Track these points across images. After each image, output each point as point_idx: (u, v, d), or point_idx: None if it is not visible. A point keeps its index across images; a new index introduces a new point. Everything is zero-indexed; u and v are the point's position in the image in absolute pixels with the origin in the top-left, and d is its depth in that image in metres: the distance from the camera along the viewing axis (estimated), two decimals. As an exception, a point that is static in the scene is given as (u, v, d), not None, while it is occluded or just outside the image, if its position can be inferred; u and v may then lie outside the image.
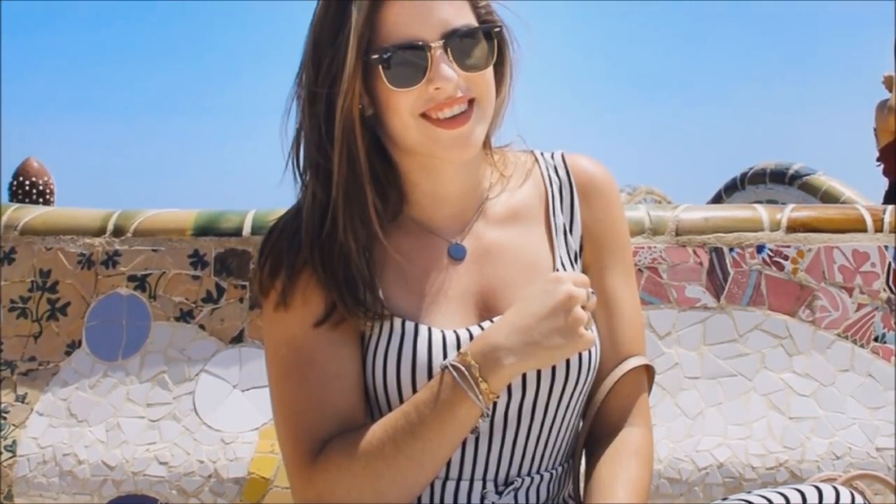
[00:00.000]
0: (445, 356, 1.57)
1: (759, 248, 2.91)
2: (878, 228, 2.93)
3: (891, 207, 2.99)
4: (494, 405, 1.58)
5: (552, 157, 1.79)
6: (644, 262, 2.88)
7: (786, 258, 2.91)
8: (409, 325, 1.60)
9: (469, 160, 1.65)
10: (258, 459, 2.77)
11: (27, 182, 10.29)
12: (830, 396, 2.83)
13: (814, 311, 2.90)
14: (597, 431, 1.70)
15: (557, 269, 1.68)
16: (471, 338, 1.59)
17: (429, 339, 1.59)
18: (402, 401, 1.58)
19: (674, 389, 2.83)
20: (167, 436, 2.85)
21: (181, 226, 3.01)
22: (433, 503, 1.60)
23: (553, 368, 1.60)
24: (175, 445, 2.82)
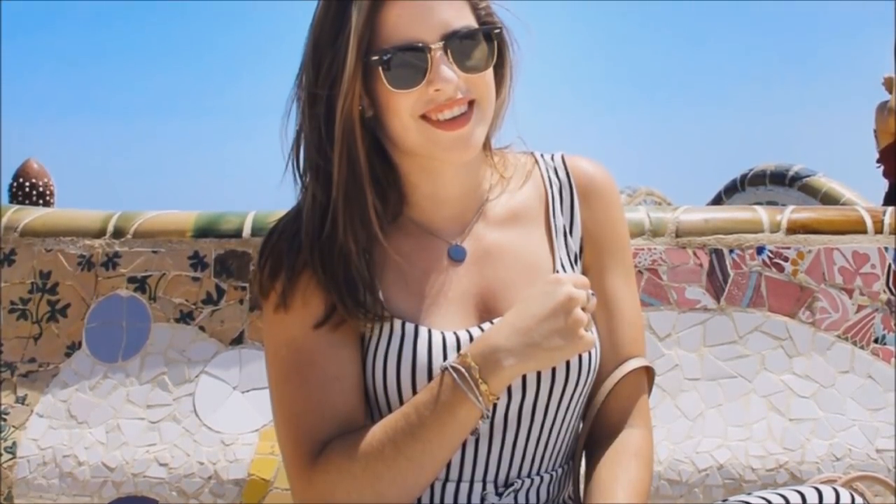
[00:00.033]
0: (445, 358, 1.57)
1: (759, 250, 2.91)
2: (879, 230, 2.93)
3: (891, 209, 2.99)
4: (494, 407, 1.58)
5: (552, 159, 1.79)
6: (644, 264, 2.88)
7: (786, 260, 2.91)
8: (409, 327, 1.60)
9: (469, 162, 1.65)
10: (258, 461, 2.77)
11: (27, 183, 10.30)
12: (830, 398, 2.84)
13: (814, 313, 2.90)
14: (597, 433, 1.70)
15: (557, 271, 1.68)
16: (471, 339, 1.59)
17: (429, 341, 1.59)
18: (402, 402, 1.58)
19: (674, 391, 2.83)
20: (167, 437, 2.85)
21: (181, 227, 3.01)
22: (433, 504, 1.60)
23: (553, 370, 1.60)
24: (175, 447, 2.82)
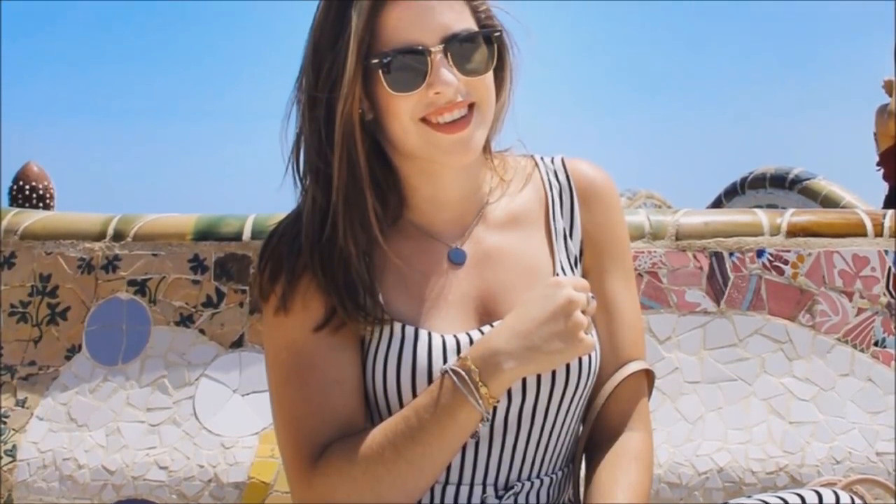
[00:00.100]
0: (445, 361, 1.57)
1: (759, 253, 2.91)
2: (878, 233, 2.93)
3: (891, 212, 2.99)
4: (494, 410, 1.58)
5: (552, 162, 1.79)
6: (644, 267, 2.88)
7: (786, 263, 2.91)
8: (409, 330, 1.60)
9: (469, 165, 1.65)
10: (258, 464, 2.77)
11: (27, 186, 10.30)
12: (830, 401, 2.83)
13: (814, 316, 2.90)
14: (597, 436, 1.70)
15: (557, 274, 1.68)
16: (471, 342, 1.59)
17: (429, 344, 1.59)
18: (403, 405, 1.58)
19: (674, 394, 2.83)
20: (167, 440, 2.85)
21: (181, 230, 3.01)
22: (433, 508, 1.60)
23: (553, 373, 1.60)
24: (175, 450, 2.82)
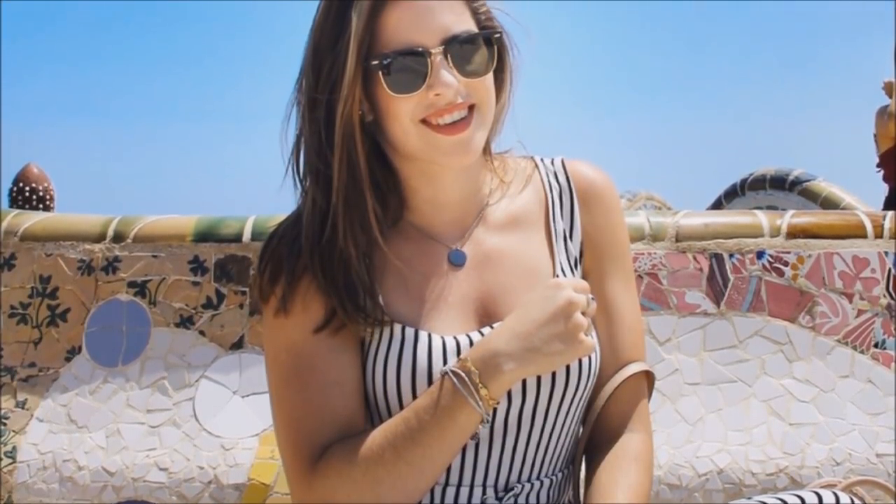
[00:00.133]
0: (445, 362, 1.57)
1: (759, 254, 2.91)
2: (878, 234, 2.94)
3: (891, 213, 2.99)
4: (494, 411, 1.58)
5: (552, 164, 1.79)
6: (644, 268, 2.88)
7: (786, 264, 2.91)
8: (409, 331, 1.60)
9: (469, 166, 1.65)
10: (258, 465, 2.77)
11: (27, 188, 10.30)
12: (830, 402, 2.84)
13: (814, 317, 2.90)
14: (597, 437, 1.70)
15: (557, 275, 1.68)
16: (471, 344, 1.59)
17: (429, 345, 1.59)
18: (403, 407, 1.58)
19: (674, 395, 2.83)
20: (167, 442, 2.85)
21: (181, 232, 3.02)
22: (433, 509, 1.60)
23: (553, 374, 1.60)
24: (175, 451, 2.82)
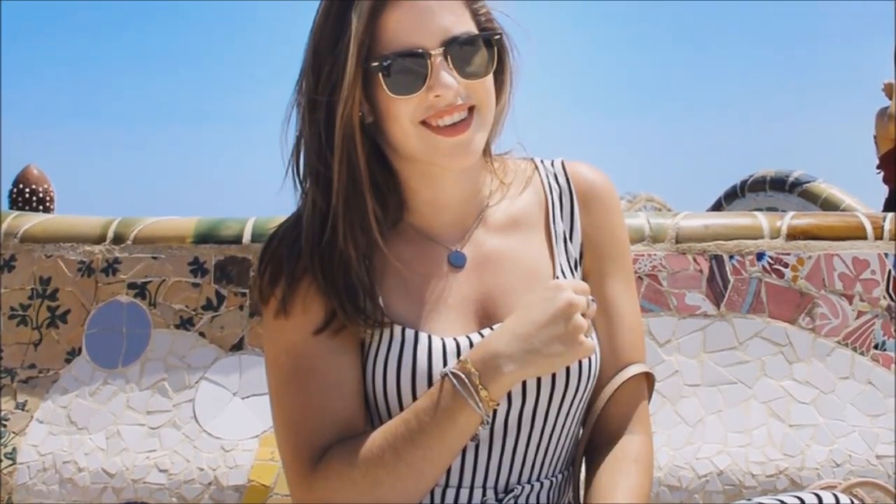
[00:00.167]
0: (445, 364, 1.57)
1: (759, 256, 2.91)
2: (878, 236, 2.94)
3: (891, 215, 2.99)
4: (494, 413, 1.58)
5: (552, 165, 1.79)
6: (644, 270, 2.88)
7: (786, 266, 2.91)
8: (409, 333, 1.60)
9: (469, 168, 1.64)
10: (258, 467, 2.77)
11: (27, 189, 10.30)
12: (830, 404, 2.84)
13: (814, 319, 2.90)
14: (597, 439, 1.70)
15: (557, 277, 1.68)
16: (471, 345, 1.59)
17: (429, 347, 1.59)
18: (402, 408, 1.58)
19: (674, 397, 2.83)
20: (167, 443, 2.85)
21: (181, 233, 3.02)
22: (433, 511, 1.60)
23: (553, 376, 1.60)
24: (175, 453, 2.82)
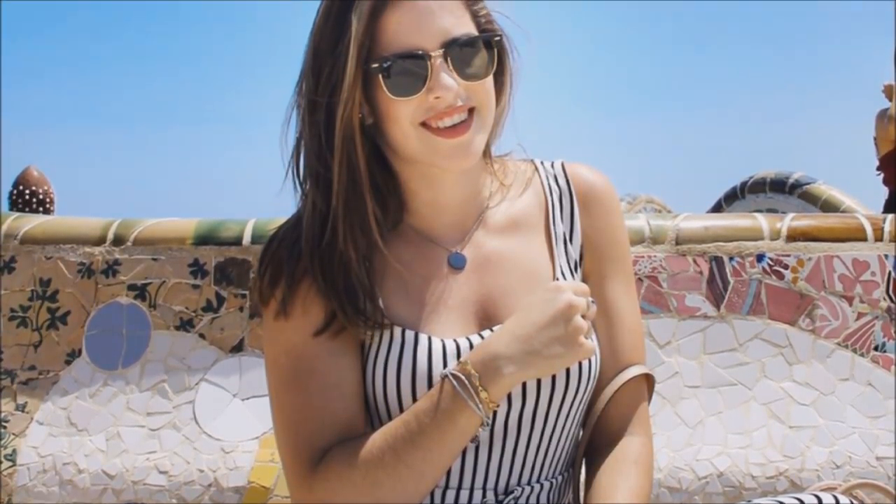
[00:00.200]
0: (445, 365, 1.57)
1: (760, 257, 2.91)
2: (879, 237, 2.94)
3: (891, 216, 2.99)
4: (494, 414, 1.58)
5: (552, 166, 1.79)
6: (644, 271, 2.88)
7: (786, 267, 2.91)
8: (409, 334, 1.60)
9: (469, 169, 1.65)
10: (258, 468, 2.77)
11: (27, 191, 10.30)
12: (830, 405, 2.84)
13: (814, 320, 2.90)
14: (597, 440, 1.70)
15: (557, 278, 1.68)
16: (471, 347, 1.59)
17: (429, 348, 1.59)
18: (403, 410, 1.58)
19: (674, 398, 2.83)
20: (167, 445, 2.85)
21: (181, 235, 3.02)
22: (433, 512, 1.60)
23: (553, 377, 1.60)
24: (175, 454, 2.82)
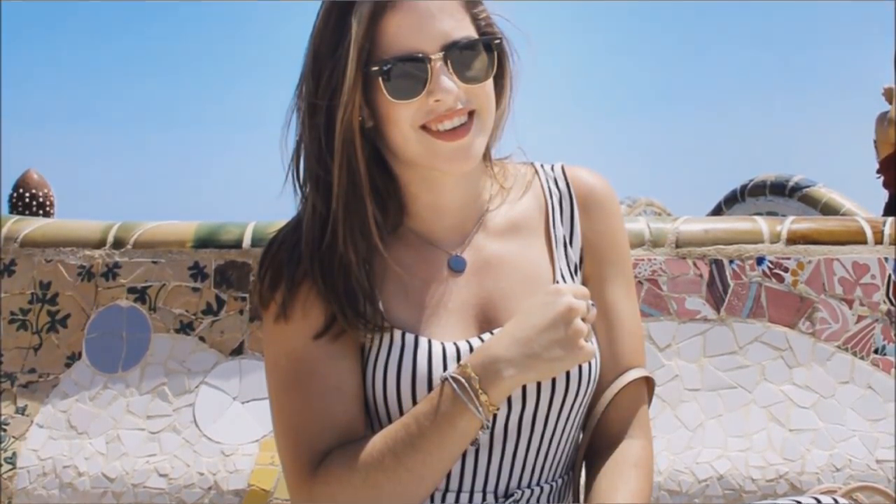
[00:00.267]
0: (445, 368, 1.57)
1: (759, 260, 2.91)
2: (878, 240, 2.94)
3: (891, 219, 2.99)
4: (494, 417, 1.58)
5: (552, 169, 1.79)
6: (644, 275, 2.88)
7: (786, 270, 2.91)
8: (409, 338, 1.60)
9: (469, 172, 1.65)
10: (258, 471, 2.77)
11: (27, 194, 10.30)
12: (830, 408, 2.84)
13: (814, 323, 2.90)
14: (597, 443, 1.70)
15: (557, 281, 1.68)
16: (471, 350, 1.59)
17: (429, 352, 1.59)
18: (403, 413, 1.58)
19: (674, 401, 2.83)
20: (167, 448, 2.85)
21: (181, 238, 3.02)
22: (433, 515, 1.60)
23: (553, 380, 1.60)
24: (175, 457, 2.82)
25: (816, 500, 1.54)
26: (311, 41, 1.61)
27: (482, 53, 1.60)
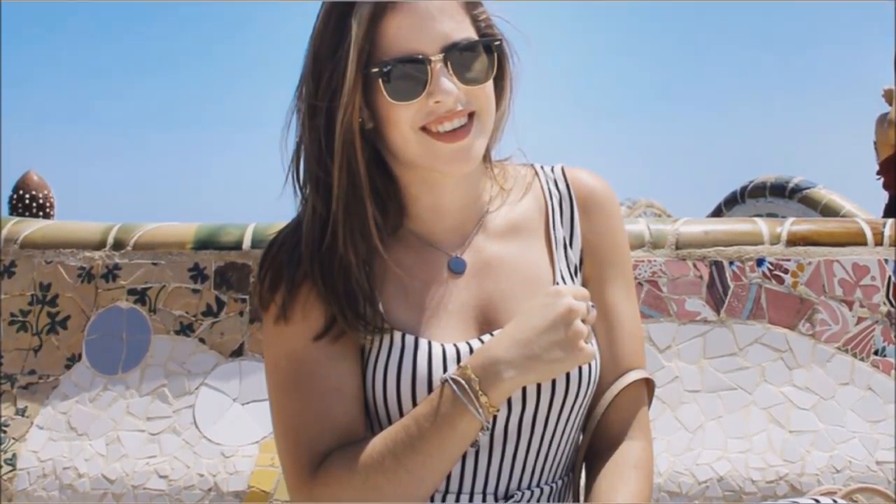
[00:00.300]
0: (445, 370, 1.57)
1: (759, 262, 2.91)
2: (878, 242, 2.94)
3: (891, 221, 2.99)
4: (494, 419, 1.58)
5: (552, 171, 1.79)
6: (644, 276, 2.88)
7: (786, 272, 2.91)
8: (409, 339, 1.60)
9: (469, 173, 1.65)
10: (258, 473, 2.77)
11: (27, 195, 10.31)
12: (830, 410, 2.84)
13: (814, 325, 2.90)
14: (597, 445, 1.70)
15: (557, 283, 1.68)
16: (471, 351, 1.59)
17: (429, 353, 1.59)
18: (403, 414, 1.58)
19: (674, 403, 2.83)
20: (167, 449, 2.84)
21: (181, 239, 3.02)
22: (433, 516, 1.60)
23: (553, 382, 1.60)
24: (175, 459, 2.82)
25: (816, 502, 1.54)
26: (311, 42, 1.61)
27: (482, 55, 1.60)
